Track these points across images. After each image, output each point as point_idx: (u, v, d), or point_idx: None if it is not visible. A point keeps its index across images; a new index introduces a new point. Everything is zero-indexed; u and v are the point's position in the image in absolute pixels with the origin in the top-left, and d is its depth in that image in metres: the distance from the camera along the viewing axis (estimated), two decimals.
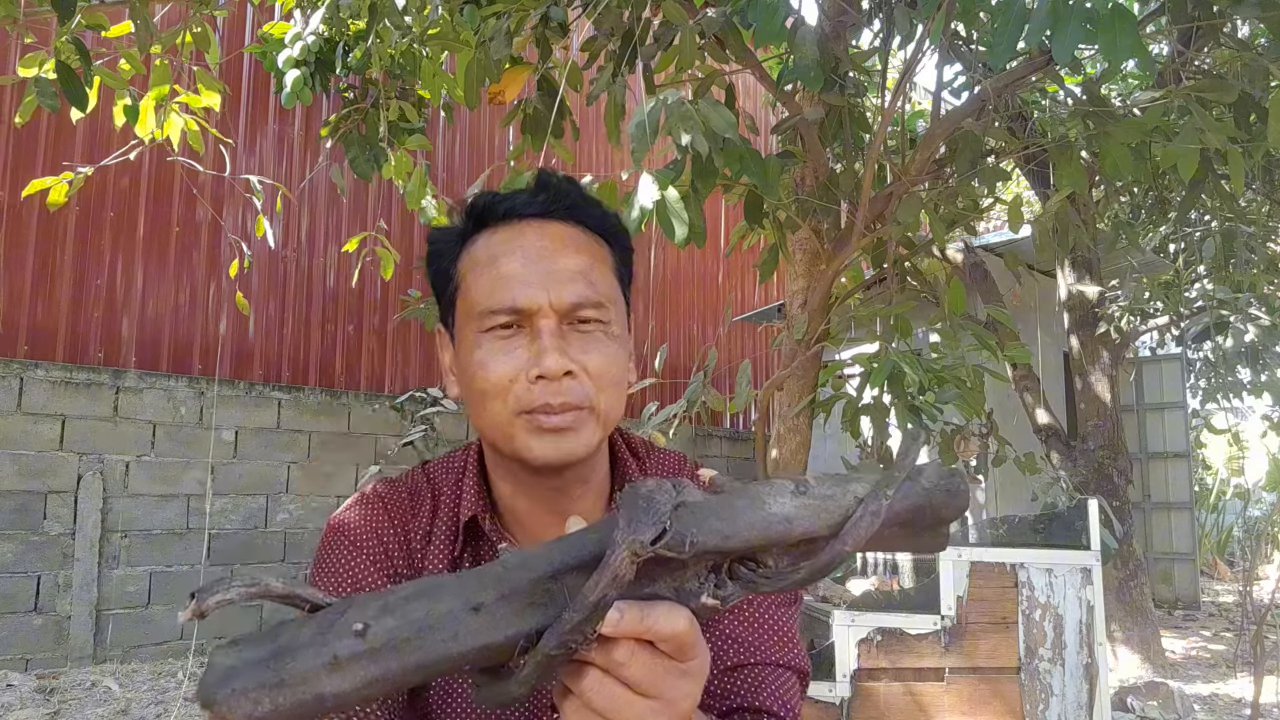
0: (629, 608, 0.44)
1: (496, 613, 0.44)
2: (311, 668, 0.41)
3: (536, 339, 0.72)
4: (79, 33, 2.37)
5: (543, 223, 0.77)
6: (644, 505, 0.44)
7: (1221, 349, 5.87)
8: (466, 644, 0.43)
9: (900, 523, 0.48)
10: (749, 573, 0.47)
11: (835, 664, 2.36)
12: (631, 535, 0.43)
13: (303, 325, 5.59)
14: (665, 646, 0.46)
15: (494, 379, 0.72)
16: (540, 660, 0.44)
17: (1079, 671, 2.49)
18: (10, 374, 4.35)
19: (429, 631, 0.43)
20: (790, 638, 0.80)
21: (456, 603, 0.44)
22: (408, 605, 0.44)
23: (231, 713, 0.40)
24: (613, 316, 0.76)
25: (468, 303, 0.76)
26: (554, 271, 0.73)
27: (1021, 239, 4.68)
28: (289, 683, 0.41)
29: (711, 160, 2.11)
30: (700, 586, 0.47)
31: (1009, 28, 1.74)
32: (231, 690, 0.41)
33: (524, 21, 2.53)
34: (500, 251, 0.76)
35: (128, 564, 4.62)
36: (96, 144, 4.62)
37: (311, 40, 3.64)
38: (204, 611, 0.43)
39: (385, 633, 0.42)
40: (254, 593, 0.44)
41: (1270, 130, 2.28)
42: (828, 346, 3.18)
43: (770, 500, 0.46)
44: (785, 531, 0.46)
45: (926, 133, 2.97)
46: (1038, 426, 5.06)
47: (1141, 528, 7.17)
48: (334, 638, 0.42)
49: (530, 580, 0.45)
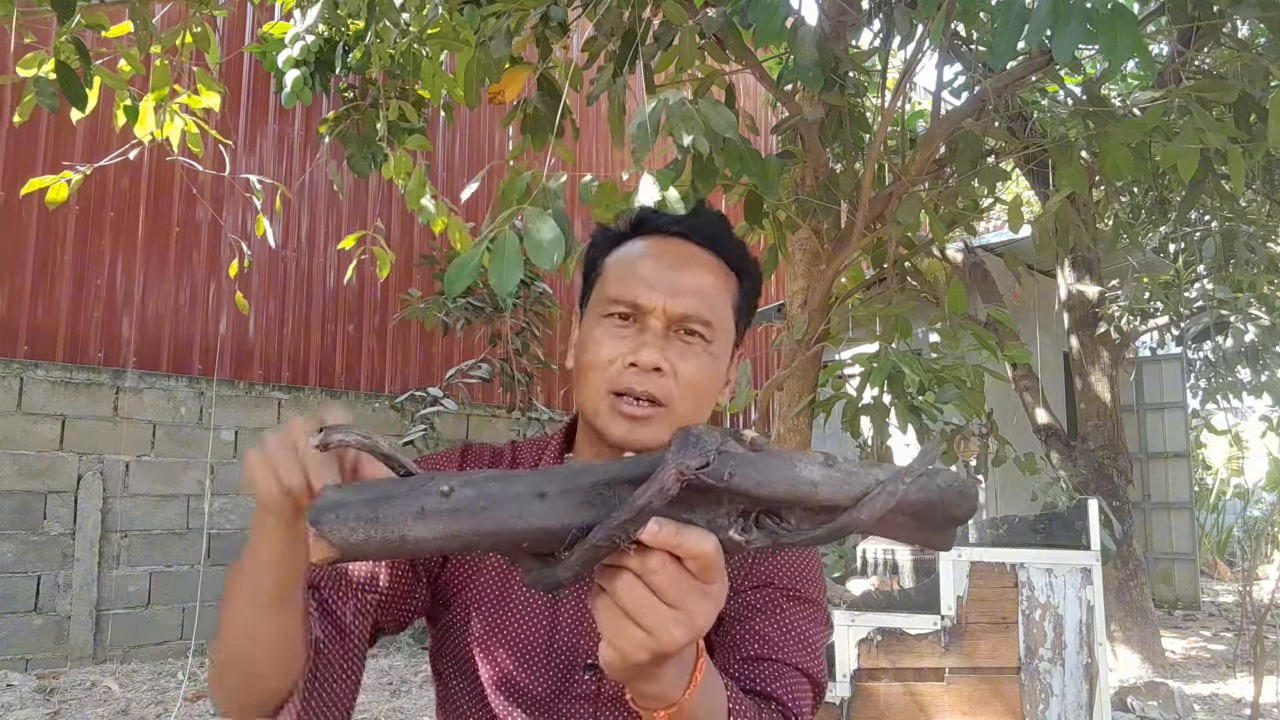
0: (666, 523, 0.50)
1: (557, 503, 0.51)
2: (402, 513, 0.50)
3: (643, 333, 0.81)
4: (78, 32, 2.37)
5: (684, 242, 0.88)
6: (694, 440, 0.51)
7: (1221, 349, 5.87)
8: (528, 523, 0.51)
9: (912, 513, 0.53)
10: (773, 524, 0.53)
11: (835, 664, 2.36)
12: (680, 459, 0.50)
13: (303, 325, 5.59)
14: (692, 565, 0.52)
15: (599, 356, 0.82)
16: (587, 549, 0.50)
17: (1079, 671, 2.49)
18: (10, 374, 4.35)
19: (500, 506, 0.51)
20: (815, 649, 0.85)
21: (525, 488, 0.51)
22: (486, 483, 0.52)
23: (332, 535, 0.49)
24: (717, 338, 0.85)
25: (602, 290, 0.87)
26: (677, 282, 0.83)
27: (1021, 239, 4.67)
28: (382, 520, 0.49)
29: (711, 160, 2.10)
30: (730, 524, 0.53)
31: (1009, 28, 1.74)
32: (336, 516, 0.49)
33: (524, 21, 2.53)
34: (640, 255, 0.86)
35: (128, 564, 4.62)
36: (96, 144, 4.62)
37: (311, 40, 3.63)
38: (328, 445, 0.53)
39: (465, 499, 0.50)
40: (366, 445, 0.53)
41: (1270, 130, 2.28)
42: (828, 346, 3.18)
43: (801, 465, 0.52)
44: (810, 493, 0.52)
45: (926, 133, 2.97)
46: (1038, 426, 5.06)
47: (1141, 528, 7.17)
48: (423, 494, 0.51)
49: (589, 483, 0.52)
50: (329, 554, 0.49)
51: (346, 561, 0.51)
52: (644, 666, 0.54)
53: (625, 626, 0.52)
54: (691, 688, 0.59)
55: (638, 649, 0.53)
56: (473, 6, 2.60)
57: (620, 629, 0.53)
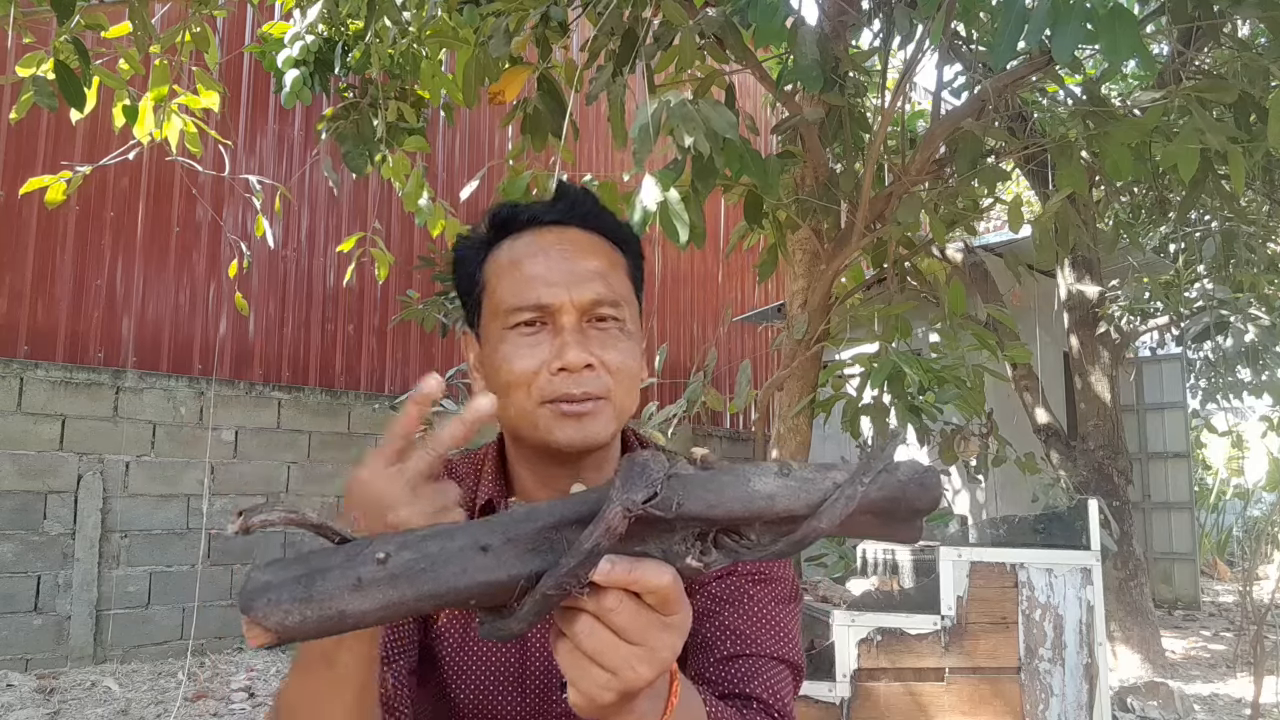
0: (619, 560, 0.49)
1: (502, 554, 0.49)
2: (337, 587, 0.47)
3: (558, 334, 0.78)
4: (78, 33, 2.37)
5: (562, 229, 0.84)
6: (639, 471, 0.49)
7: (1221, 349, 5.87)
8: (473, 579, 0.48)
9: (876, 511, 0.52)
10: (732, 543, 0.51)
11: (835, 664, 2.36)
12: (626, 494, 0.48)
13: (303, 325, 5.59)
14: (650, 599, 0.50)
15: (519, 371, 0.78)
16: (539, 599, 0.49)
17: (1079, 671, 2.49)
18: (10, 374, 4.35)
19: (441, 565, 0.48)
20: (787, 633, 0.84)
21: (467, 542, 0.49)
22: (424, 542, 0.49)
23: (265, 620, 0.46)
24: (628, 316, 0.83)
25: (493, 303, 0.82)
26: (574, 272, 0.80)
27: (1021, 239, 4.67)
28: (316, 599, 0.47)
29: (712, 160, 2.10)
30: (686, 550, 0.51)
31: (1009, 28, 1.74)
32: (267, 600, 0.47)
33: (524, 21, 2.53)
34: (523, 255, 0.82)
35: (128, 564, 4.62)
36: (96, 144, 4.62)
37: (311, 40, 3.63)
38: (249, 528, 0.49)
39: (403, 563, 0.48)
40: (292, 519, 0.50)
41: (1270, 130, 2.28)
42: (828, 346, 3.18)
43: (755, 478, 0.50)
44: (767, 507, 0.50)
45: (926, 133, 2.97)
46: (1038, 426, 5.06)
47: (1141, 528, 7.16)
48: (359, 563, 0.48)
49: (534, 529, 0.50)
50: (265, 639, 0.47)
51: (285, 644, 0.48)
52: (614, 705, 0.53)
53: (588, 669, 0.51)
54: (668, 713, 0.58)
55: (603, 690, 0.51)
56: (472, 6, 2.60)
57: (584, 671, 0.51)
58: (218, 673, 4.49)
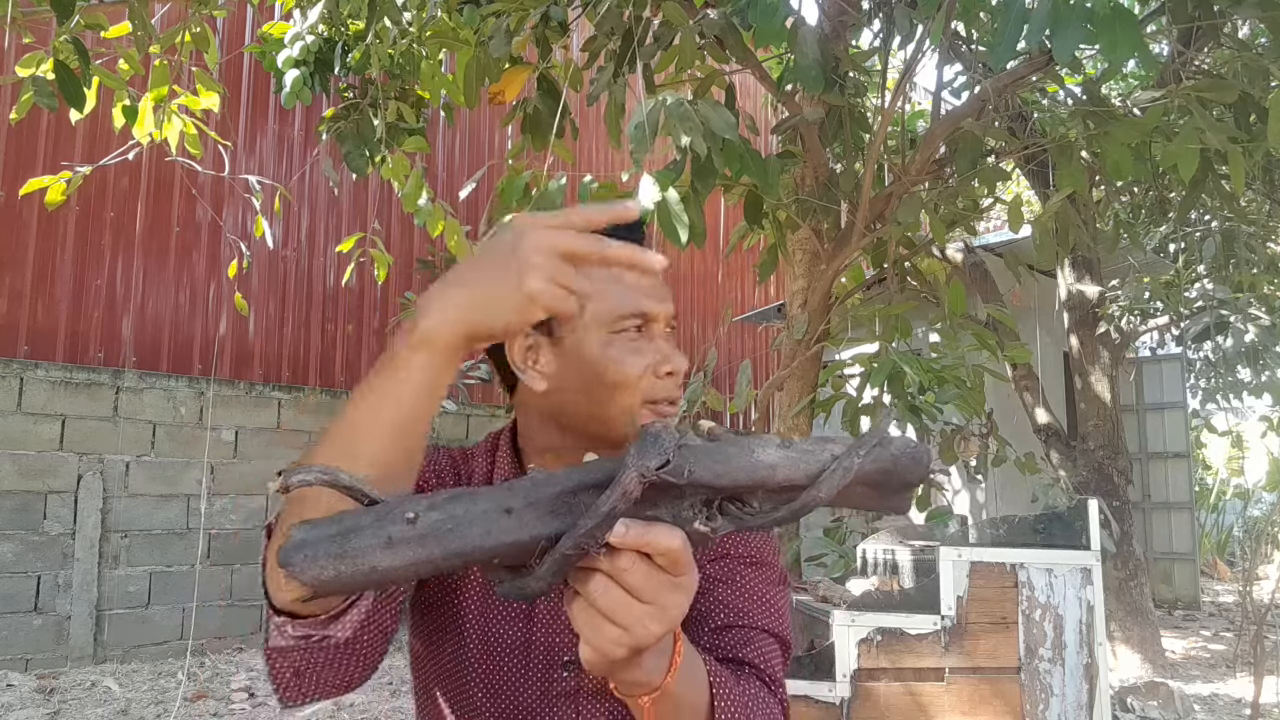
0: (633, 524, 0.52)
1: (524, 516, 0.52)
2: (369, 545, 0.50)
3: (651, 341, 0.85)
4: (78, 33, 2.37)
5: None
6: (653, 440, 0.52)
7: (1221, 349, 5.86)
8: (496, 539, 0.52)
9: (870, 483, 0.56)
10: (737, 510, 0.55)
11: (835, 664, 2.36)
12: (641, 461, 0.51)
13: (303, 325, 5.59)
14: (661, 560, 0.54)
15: (631, 373, 0.84)
16: (558, 559, 0.52)
17: (1079, 671, 2.49)
18: (10, 374, 4.35)
19: (466, 525, 0.51)
20: (778, 610, 0.90)
21: (491, 505, 0.52)
22: (450, 504, 0.52)
23: (302, 574, 0.49)
24: None
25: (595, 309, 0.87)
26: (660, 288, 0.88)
27: (1021, 239, 4.67)
28: (350, 555, 0.50)
29: (711, 160, 2.10)
30: (694, 516, 0.54)
31: (1009, 28, 1.74)
32: (304, 556, 0.49)
33: (524, 21, 2.53)
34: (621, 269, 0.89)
35: (128, 564, 4.62)
36: (96, 144, 4.62)
37: (311, 40, 3.63)
38: (289, 488, 0.54)
39: (431, 523, 0.51)
40: (326, 480, 0.54)
41: (1270, 130, 2.28)
42: (828, 346, 3.18)
43: (759, 449, 0.54)
44: (769, 476, 0.54)
45: (926, 133, 2.97)
46: (1038, 426, 5.06)
47: (1141, 528, 7.16)
48: (389, 523, 0.51)
49: (553, 493, 0.53)
50: (301, 592, 0.50)
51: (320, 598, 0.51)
52: (624, 660, 0.57)
53: (602, 626, 0.55)
54: (672, 670, 0.63)
55: (616, 646, 0.55)
56: (472, 6, 2.60)
57: (598, 629, 0.55)
58: (217, 673, 4.49)
